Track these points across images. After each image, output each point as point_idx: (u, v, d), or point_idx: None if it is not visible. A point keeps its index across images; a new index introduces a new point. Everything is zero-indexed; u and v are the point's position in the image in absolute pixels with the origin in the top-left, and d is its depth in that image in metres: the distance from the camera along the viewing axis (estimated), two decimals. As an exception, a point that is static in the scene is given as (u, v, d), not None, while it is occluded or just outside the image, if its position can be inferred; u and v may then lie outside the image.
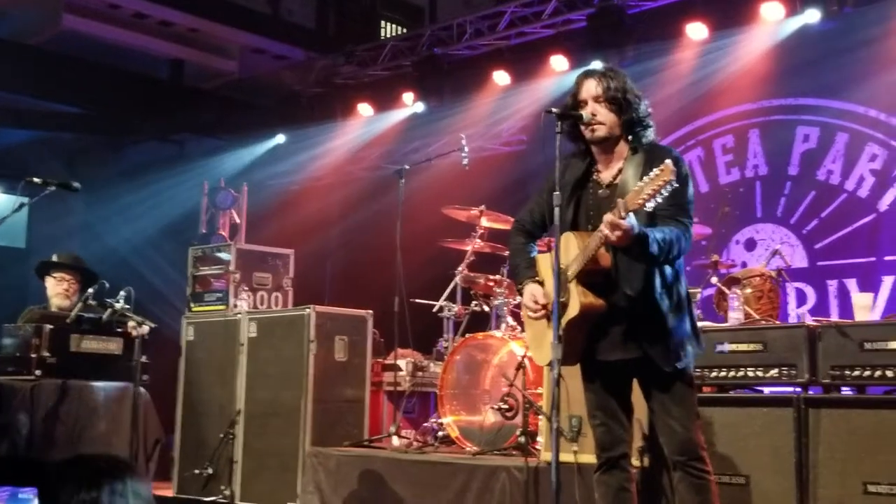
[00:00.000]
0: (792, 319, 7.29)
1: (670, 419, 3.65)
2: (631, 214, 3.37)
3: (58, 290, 6.56)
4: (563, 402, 3.78)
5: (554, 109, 3.64)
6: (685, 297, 3.75)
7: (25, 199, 5.58)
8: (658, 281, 3.62)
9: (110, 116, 11.56)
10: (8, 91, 10.62)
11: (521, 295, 3.98)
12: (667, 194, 3.29)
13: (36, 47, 10.72)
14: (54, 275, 6.60)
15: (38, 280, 6.73)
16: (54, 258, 6.71)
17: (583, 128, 3.71)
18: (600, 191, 3.76)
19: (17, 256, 11.17)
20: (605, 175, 3.78)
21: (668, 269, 3.66)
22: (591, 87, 3.70)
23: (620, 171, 3.72)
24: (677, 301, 3.68)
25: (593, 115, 3.67)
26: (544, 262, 3.90)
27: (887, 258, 7.53)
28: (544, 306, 3.77)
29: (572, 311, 3.62)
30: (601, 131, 3.69)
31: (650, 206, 3.33)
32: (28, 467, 1.55)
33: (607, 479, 3.81)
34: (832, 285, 7.82)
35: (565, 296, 3.62)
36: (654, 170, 3.30)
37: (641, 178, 3.39)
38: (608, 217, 3.40)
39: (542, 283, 3.86)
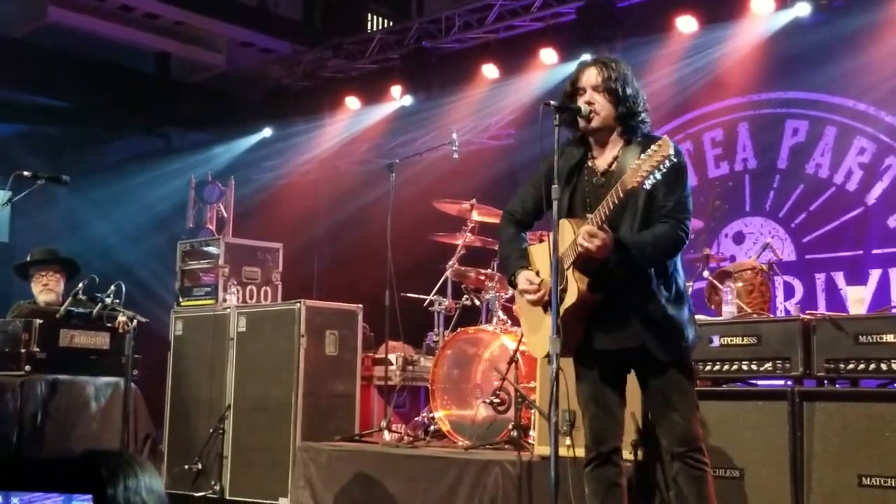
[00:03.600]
0: (780, 313, 7.32)
1: (671, 410, 3.62)
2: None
3: (39, 286, 6.53)
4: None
5: (552, 102, 3.61)
6: (683, 287, 3.72)
7: (10, 194, 5.51)
8: (655, 271, 3.60)
9: (96, 110, 11.48)
10: (-8, 84, 10.56)
11: (512, 286, 3.91)
12: (665, 171, 3.28)
13: (20, 40, 10.64)
14: (32, 274, 6.57)
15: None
16: (28, 258, 6.69)
17: (579, 117, 3.69)
18: (595, 178, 3.72)
19: (0, 251, 11.08)
20: (601, 162, 3.75)
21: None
22: (591, 76, 3.68)
23: (616, 158, 3.69)
24: (676, 291, 3.65)
25: (590, 103, 3.65)
26: (538, 253, 3.84)
27: (875, 251, 7.57)
28: (541, 284, 3.71)
29: (570, 298, 3.57)
30: (597, 121, 3.66)
31: (648, 183, 3.31)
32: (36, 467, 1.51)
33: (598, 475, 3.74)
34: (820, 278, 7.85)
35: (563, 284, 3.57)
36: (653, 146, 3.30)
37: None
38: (585, 227, 3.43)
39: (536, 273, 3.80)
